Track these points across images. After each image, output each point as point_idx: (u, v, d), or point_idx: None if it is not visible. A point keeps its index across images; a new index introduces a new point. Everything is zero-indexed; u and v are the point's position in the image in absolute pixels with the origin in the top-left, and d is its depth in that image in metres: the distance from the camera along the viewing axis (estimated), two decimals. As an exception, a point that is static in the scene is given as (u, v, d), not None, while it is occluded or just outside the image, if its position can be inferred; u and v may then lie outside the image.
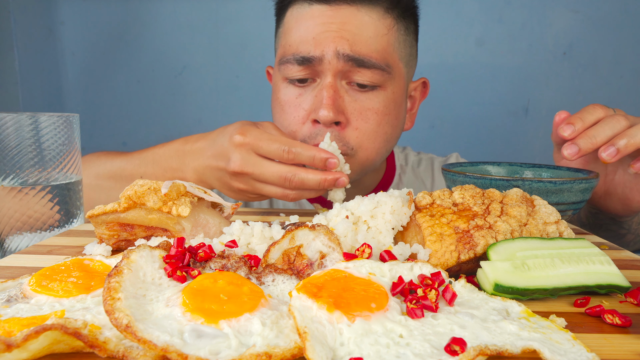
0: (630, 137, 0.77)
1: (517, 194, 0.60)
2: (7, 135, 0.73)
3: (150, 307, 0.41)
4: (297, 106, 0.97)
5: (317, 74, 0.95)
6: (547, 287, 0.49)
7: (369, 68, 0.93)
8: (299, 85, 0.97)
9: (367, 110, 0.95)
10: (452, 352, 0.37)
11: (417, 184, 1.26)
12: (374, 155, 1.00)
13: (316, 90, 0.95)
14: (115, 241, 0.66)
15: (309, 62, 0.93)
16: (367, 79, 0.93)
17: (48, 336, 0.35)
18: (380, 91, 0.96)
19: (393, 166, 1.26)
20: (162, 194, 0.63)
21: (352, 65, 0.92)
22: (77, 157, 0.81)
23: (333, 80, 0.93)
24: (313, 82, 0.96)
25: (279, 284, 0.49)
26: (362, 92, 0.95)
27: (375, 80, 0.94)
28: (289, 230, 0.54)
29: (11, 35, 1.71)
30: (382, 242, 0.58)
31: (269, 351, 0.36)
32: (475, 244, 0.54)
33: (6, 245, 0.76)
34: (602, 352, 0.39)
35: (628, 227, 1.02)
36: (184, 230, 0.64)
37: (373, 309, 0.41)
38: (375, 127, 0.96)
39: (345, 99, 0.94)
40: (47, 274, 0.49)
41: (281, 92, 1.00)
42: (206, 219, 0.67)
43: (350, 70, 0.93)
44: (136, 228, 0.65)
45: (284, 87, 0.99)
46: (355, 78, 0.94)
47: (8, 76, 1.70)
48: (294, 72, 0.95)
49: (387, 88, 0.97)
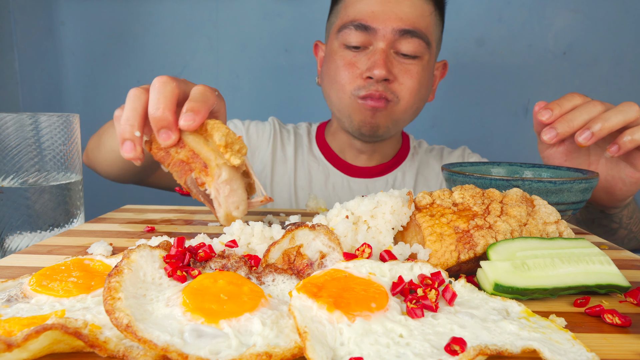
0: (604, 120, 0.81)
1: (517, 194, 0.60)
2: (7, 135, 0.73)
3: (150, 307, 0.41)
4: (353, 65, 1.15)
5: (370, 42, 1.13)
6: (547, 287, 0.49)
7: (416, 37, 1.13)
8: (354, 51, 1.16)
9: (409, 72, 1.15)
10: (452, 352, 0.37)
11: (426, 166, 1.39)
12: (410, 108, 1.19)
13: (370, 54, 1.14)
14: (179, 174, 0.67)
15: (366, 29, 1.12)
16: (413, 48, 1.13)
17: (48, 336, 0.35)
18: (419, 61, 1.16)
19: (408, 146, 1.42)
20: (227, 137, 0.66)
21: (402, 35, 1.12)
22: (77, 157, 0.81)
23: (386, 47, 1.12)
24: (366, 49, 1.15)
25: (279, 283, 0.49)
26: (406, 59, 1.15)
27: (418, 51, 1.14)
28: (289, 230, 0.54)
29: (11, 35, 1.71)
30: (382, 242, 0.58)
31: (269, 351, 0.36)
32: (475, 243, 0.54)
33: (6, 245, 0.76)
34: (602, 351, 0.39)
35: (619, 220, 1.02)
36: (219, 178, 0.64)
37: (373, 309, 0.41)
38: (416, 85, 1.16)
39: (393, 62, 1.14)
40: (47, 273, 0.49)
41: (338, 55, 1.18)
42: (235, 189, 0.67)
43: (399, 40, 1.12)
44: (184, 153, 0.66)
45: (341, 51, 1.17)
46: (402, 48, 1.13)
47: (8, 76, 1.70)
48: (352, 38, 1.14)
49: (424, 59, 1.17)
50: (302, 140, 1.39)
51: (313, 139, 1.40)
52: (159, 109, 0.66)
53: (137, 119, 0.68)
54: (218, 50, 1.88)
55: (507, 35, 1.81)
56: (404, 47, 1.13)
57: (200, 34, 1.87)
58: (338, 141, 1.34)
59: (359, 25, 1.12)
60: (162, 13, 1.87)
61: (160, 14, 1.87)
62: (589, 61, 1.81)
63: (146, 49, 1.89)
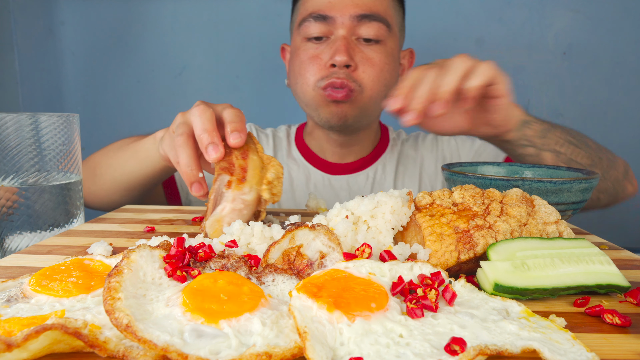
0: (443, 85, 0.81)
1: (517, 194, 0.60)
2: (7, 135, 0.73)
3: (150, 307, 0.41)
4: (316, 57, 1.17)
5: (330, 32, 1.16)
6: (547, 287, 0.49)
7: (375, 21, 1.14)
8: (316, 43, 1.17)
9: (372, 58, 1.16)
10: (452, 352, 0.37)
11: (405, 156, 1.40)
12: (376, 95, 1.18)
13: (331, 44, 1.15)
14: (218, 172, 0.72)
15: (324, 19, 1.15)
16: (373, 32, 1.15)
17: (48, 336, 0.35)
18: (382, 46, 1.17)
19: (387, 138, 1.42)
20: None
21: (360, 21, 1.13)
22: (77, 157, 0.81)
23: (346, 34, 1.14)
24: (327, 39, 1.17)
25: (279, 283, 0.49)
26: (367, 45, 1.16)
27: (379, 35, 1.15)
28: (289, 230, 0.54)
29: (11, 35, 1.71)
30: (382, 242, 0.58)
31: (269, 351, 0.36)
32: (475, 243, 0.54)
33: (6, 245, 0.76)
34: (601, 351, 0.39)
35: (528, 140, 0.99)
36: (243, 194, 0.70)
37: (373, 309, 0.41)
38: (378, 72, 1.16)
39: (355, 49, 1.15)
40: (47, 273, 0.49)
41: (301, 49, 1.19)
42: (243, 213, 0.71)
43: (358, 25, 1.14)
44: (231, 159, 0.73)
45: (303, 45, 1.19)
46: (362, 33, 1.15)
47: (8, 76, 1.70)
48: (312, 30, 1.16)
49: (387, 44, 1.18)
50: (282, 143, 1.39)
51: (292, 141, 1.40)
52: (205, 131, 0.74)
53: (194, 162, 0.76)
54: (218, 50, 1.88)
55: (507, 35, 1.81)
56: (364, 32, 1.14)
57: (200, 34, 1.87)
58: (316, 140, 1.35)
59: (317, 16, 1.15)
60: (162, 13, 1.87)
61: (160, 14, 1.87)
62: (589, 61, 1.81)
63: (146, 49, 1.88)
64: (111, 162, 1.09)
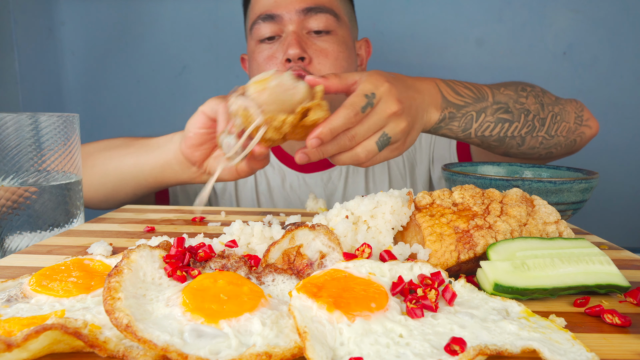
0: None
1: (516, 194, 0.60)
2: (7, 135, 0.73)
3: (150, 307, 0.41)
4: (272, 57, 1.17)
5: (281, 30, 1.16)
6: (547, 287, 0.49)
7: (322, 13, 1.16)
8: (269, 43, 1.18)
9: (325, 49, 1.17)
10: (451, 352, 0.37)
11: None
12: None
13: (283, 41, 1.16)
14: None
15: (272, 19, 1.16)
16: (322, 23, 1.16)
17: (48, 336, 0.35)
18: (333, 37, 1.18)
19: None
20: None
21: (306, 14, 1.15)
22: (77, 157, 0.81)
23: (296, 28, 1.15)
24: (280, 38, 1.17)
25: (279, 283, 0.49)
26: (319, 37, 1.17)
27: (328, 25, 1.17)
28: (289, 230, 0.54)
29: (11, 35, 1.70)
30: (382, 242, 0.58)
31: (269, 351, 0.36)
32: (475, 243, 0.54)
33: (6, 245, 0.76)
34: (601, 351, 0.39)
35: (452, 136, 0.96)
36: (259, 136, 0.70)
37: (373, 309, 0.41)
38: (333, 61, 1.17)
39: (307, 42, 1.16)
40: (47, 273, 0.49)
41: (256, 52, 1.20)
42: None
43: (306, 19, 1.15)
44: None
45: (258, 48, 1.20)
46: (312, 25, 1.16)
47: (8, 76, 1.70)
48: (263, 31, 1.17)
49: (338, 35, 1.19)
50: None
51: None
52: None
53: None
54: (218, 50, 1.88)
55: (507, 35, 1.81)
56: (314, 24, 1.16)
57: (200, 34, 1.87)
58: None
59: (265, 16, 1.17)
60: (162, 13, 1.87)
61: (160, 14, 1.87)
62: (589, 61, 1.81)
63: (146, 49, 1.88)
64: (111, 157, 1.06)
